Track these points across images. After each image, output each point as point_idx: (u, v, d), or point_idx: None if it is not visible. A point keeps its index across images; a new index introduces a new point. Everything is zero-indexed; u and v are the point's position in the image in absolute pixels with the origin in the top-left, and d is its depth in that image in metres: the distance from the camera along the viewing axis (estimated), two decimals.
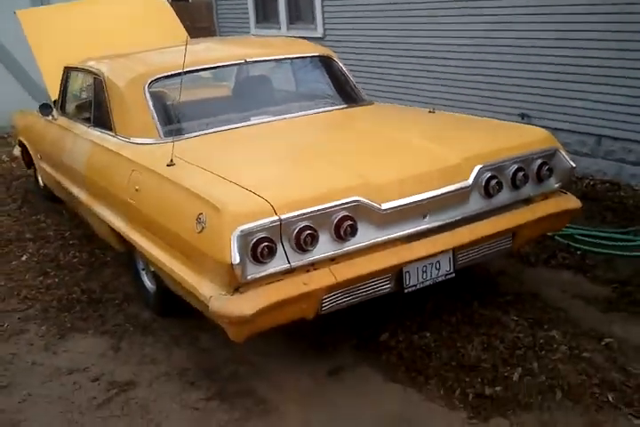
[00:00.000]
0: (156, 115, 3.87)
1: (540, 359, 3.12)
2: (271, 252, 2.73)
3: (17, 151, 6.83)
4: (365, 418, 2.87)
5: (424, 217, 3.13)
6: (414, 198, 3.05)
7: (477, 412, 2.82)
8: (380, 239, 3.02)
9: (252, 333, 2.88)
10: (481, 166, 3.23)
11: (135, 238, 3.59)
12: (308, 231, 2.79)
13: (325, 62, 4.55)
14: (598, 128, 5.51)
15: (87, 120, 4.63)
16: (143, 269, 4.03)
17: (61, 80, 5.23)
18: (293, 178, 3.10)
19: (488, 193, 3.28)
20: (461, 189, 3.18)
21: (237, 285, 2.75)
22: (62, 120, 5.13)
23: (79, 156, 4.51)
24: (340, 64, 4.54)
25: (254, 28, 9.70)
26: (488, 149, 3.36)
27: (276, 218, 2.73)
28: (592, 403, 2.81)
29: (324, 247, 2.88)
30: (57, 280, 4.49)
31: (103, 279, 4.47)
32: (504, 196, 3.36)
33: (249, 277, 2.72)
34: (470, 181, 3.19)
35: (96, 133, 4.36)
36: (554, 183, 3.54)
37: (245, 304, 2.71)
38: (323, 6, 8.23)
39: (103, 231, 4.34)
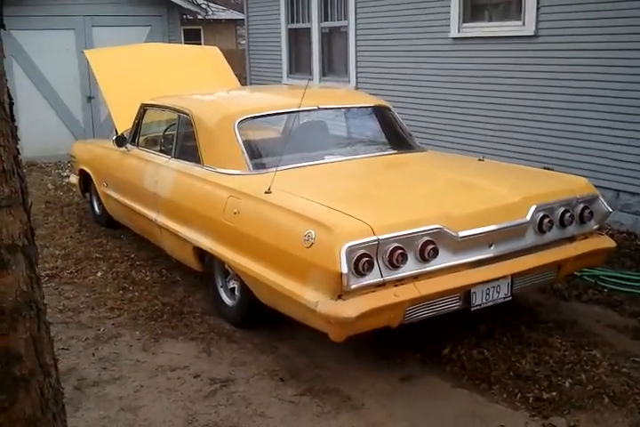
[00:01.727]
0: (244, 149, 4.47)
1: (586, 372, 3.64)
2: (370, 266, 3.29)
3: (74, 179, 7.38)
4: (442, 414, 3.37)
5: (490, 246, 3.71)
6: (485, 229, 3.64)
7: (538, 412, 3.33)
8: (455, 262, 3.59)
9: (351, 334, 3.41)
10: (536, 206, 3.84)
11: (228, 255, 4.13)
12: (400, 251, 3.36)
13: (383, 112, 5.22)
14: (617, 183, 6.16)
15: (167, 152, 5.23)
16: (222, 287, 4.55)
17: (137, 115, 5.84)
18: (385, 206, 3.70)
19: (541, 229, 3.87)
20: (521, 224, 3.78)
21: (341, 292, 3.30)
22: (137, 151, 5.72)
23: (162, 183, 5.07)
24: (396, 114, 5.21)
25: (287, 77, 10.43)
26: (541, 191, 3.98)
27: (374, 238, 3.32)
28: (635, 407, 3.33)
29: (411, 266, 3.45)
30: (137, 294, 4.99)
31: (178, 296, 4.97)
32: (553, 233, 3.96)
33: (352, 286, 3.28)
34: (528, 217, 3.79)
35: (180, 164, 4.95)
36: (593, 225, 4.16)
37: (350, 308, 3.26)
38: (357, 59, 8.96)
39: (182, 252, 4.87)
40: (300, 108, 4.89)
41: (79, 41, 10.89)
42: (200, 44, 26.79)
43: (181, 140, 5.11)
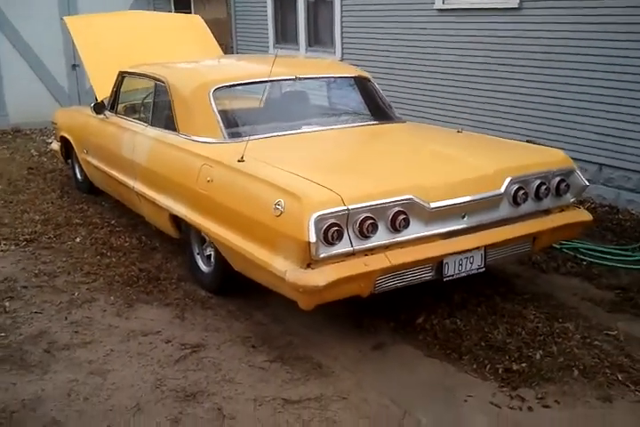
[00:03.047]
0: (220, 118, 4.42)
1: (557, 344, 3.65)
2: (339, 235, 3.28)
3: (55, 146, 7.31)
4: (411, 383, 3.38)
5: (463, 217, 3.70)
6: (457, 200, 3.63)
7: (507, 383, 3.34)
8: (426, 233, 3.58)
9: (319, 303, 3.40)
10: (511, 178, 3.82)
11: (202, 223, 4.11)
12: (370, 221, 3.35)
13: (364, 83, 5.16)
14: (600, 157, 6.14)
15: (144, 120, 5.17)
16: (198, 254, 4.54)
17: (115, 83, 5.75)
18: (357, 176, 3.66)
19: (516, 202, 3.85)
20: (495, 195, 3.76)
21: (310, 261, 3.29)
22: (116, 119, 5.65)
23: (139, 150, 5.02)
24: (376, 85, 5.14)
25: (273, 47, 10.28)
26: (517, 163, 3.96)
27: (344, 208, 3.30)
28: (604, 381, 3.34)
29: (381, 236, 3.44)
30: (114, 260, 4.97)
31: (155, 262, 4.96)
32: (528, 205, 3.94)
33: (321, 255, 3.27)
34: (502, 189, 3.77)
35: (156, 132, 4.89)
36: (570, 198, 4.14)
37: (319, 277, 3.25)
38: (342, 30, 8.83)
39: (159, 219, 4.85)
40: (278, 78, 4.85)
41: (62, 8, 10.70)
42: (190, 12, 26.43)
43: (158, 108, 5.03)
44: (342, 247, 3.33)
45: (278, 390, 3.33)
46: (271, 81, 4.83)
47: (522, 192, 3.84)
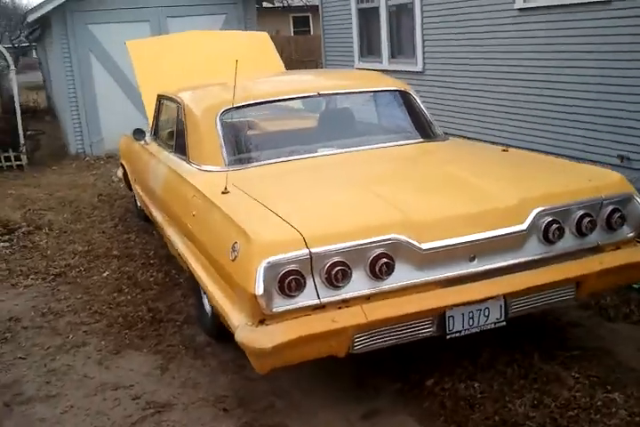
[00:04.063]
0: (223, 143, 3.96)
1: (592, 423, 2.83)
2: (299, 285, 2.69)
3: (120, 173, 7.24)
4: None
5: (472, 260, 2.97)
6: (459, 240, 2.91)
7: None
8: (420, 280, 2.89)
9: (277, 365, 2.83)
10: (540, 210, 3.04)
11: (190, 262, 3.67)
12: (340, 267, 2.73)
13: (401, 97, 4.49)
14: None
15: (170, 146, 4.83)
16: (204, 293, 4.09)
17: (155, 107, 5.50)
18: (334, 210, 3.05)
19: (548, 239, 3.07)
20: (515, 232, 3.00)
21: (262, 316, 2.73)
22: (152, 145, 5.38)
23: (159, 180, 4.70)
24: (417, 99, 4.46)
25: (358, 61, 9.80)
26: (551, 191, 3.16)
27: (306, 251, 2.70)
28: None
29: (359, 285, 2.81)
30: (129, 298, 4.66)
31: (172, 300, 4.58)
32: (567, 243, 3.14)
33: (274, 310, 2.70)
34: (526, 224, 3.00)
35: (174, 159, 4.53)
36: (627, 232, 3.27)
37: (265, 337, 2.68)
38: (424, 41, 8.18)
39: (174, 252, 4.47)
40: (298, 95, 4.34)
41: (154, 32, 10.78)
42: (309, 31, 26.54)
43: (178, 133, 4.68)
44: (307, 300, 2.74)
45: None
46: (287, 99, 4.33)
47: (555, 227, 3.05)
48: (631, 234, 3.28)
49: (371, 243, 2.78)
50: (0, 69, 14.67)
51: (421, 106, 4.44)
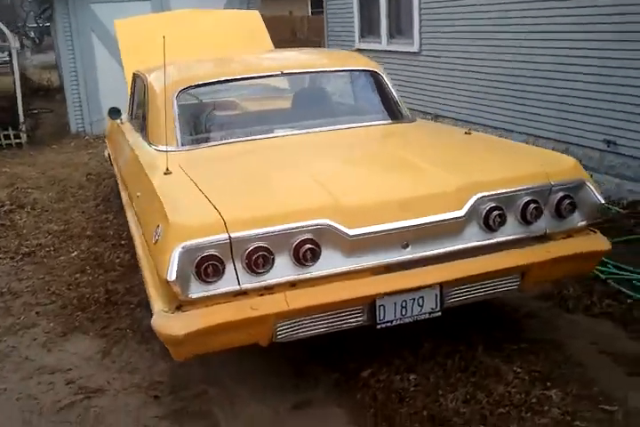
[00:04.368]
0: (178, 123, 3.84)
1: (521, 421, 2.71)
2: (218, 271, 2.58)
3: (106, 152, 7.18)
4: None
5: (405, 247, 2.83)
6: (389, 226, 2.77)
7: None
8: (348, 268, 2.77)
9: (195, 353, 2.75)
10: (480, 196, 2.89)
11: (135, 245, 3.60)
12: (262, 253, 2.62)
13: (370, 77, 4.31)
14: None
15: (138, 126, 4.72)
16: None
17: (131, 85, 5.40)
18: (265, 194, 2.93)
19: (489, 226, 2.92)
20: (452, 219, 2.85)
21: (179, 303, 2.63)
22: (126, 125, 5.28)
23: (125, 160, 4.62)
24: (386, 79, 4.27)
25: (359, 41, 9.58)
26: (495, 176, 3.00)
27: (224, 236, 2.58)
28: None
29: (283, 271, 2.69)
30: (90, 279, 4.60)
31: (132, 282, 4.51)
32: (511, 230, 2.99)
33: (191, 296, 2.59)
34: (464, 211, 2.86)
35: (138, 140, 4.42)
36: (578, 220, 3.10)
37: (178, 325, 2.59)
38: (420, 22, 7.94)
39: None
40: (260, 75, 4.20)
41: (155, 11, 10.68)
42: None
43: (144, 113, 4.56)
44: (226, 286, 2.63)
45: None
46: (247, 78, 4.19)
47: (496, 213, 2.90)
48: (583, 222, 3.11)
49: (294, 228, 2.65)
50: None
51: (390, 87, 4.27)
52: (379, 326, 2.88)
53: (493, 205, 2.91)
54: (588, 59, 5.47)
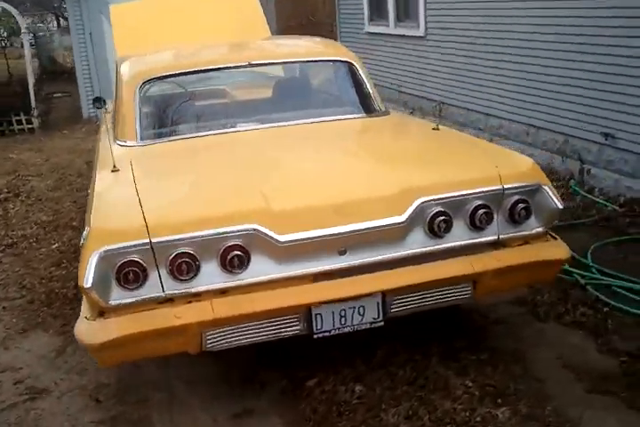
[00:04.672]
0: (139, 117, 3.73)
1: None
2: (138, 277, 2.50)
3: None
4: None
5: (342, 254, 2.69)
6: (323, 232, 2.63)
7: None
8: (281, 275, 2.65)
9: (120, 360, 2.70)
10: (424, 200, 2.73)
11: None
12: (186, 259, 2.52)
13: (344, 68, 4.12)
14: None
15: (112, 118, 4.64)
16: None
17: (115, 73, 5.31)
18: (196, 195, 2.82)
19: (434, 232, 2.76)
20: (392, 225, 2.70)
21: (100, 309, 2.55)
22: (108, 116, 5.21)
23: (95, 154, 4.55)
24: (361, 70, 4.07)
25: (368, 24, 9.35)
26: (443, 180, 2.83)
27: (145, 241, 2.49)
28: None
29: (211, 278, 2.59)
30: (64, 272, 4.57)
31: None
32: (460, 236, 2.82)
33: (112, 303, 2.51)
34: (405, 216, 2.70)
35: (109, 133, 4.33)
36: (535, 226, 2.92)
37: (96, 333, 2.52)
38: (426, 5, 7.67)
39: None
40: (226, 65, 4.06)
41: None
42: None
43: (115, 102, 4.47)
44: (150, 293, 2.54)
45: None
46: (214, 70, 4.05)
47: (441, 219, 2.74)
48: (540, 229, 2.92)
49: (221, 233, 2.54)
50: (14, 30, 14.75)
51: (365, 78, 4.08)
52: (315, 336, 2.76)
53: (439, 209, 2.75)
54: (586, 46, 5.20)
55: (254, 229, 2.56)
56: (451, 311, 3.49)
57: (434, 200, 2.74)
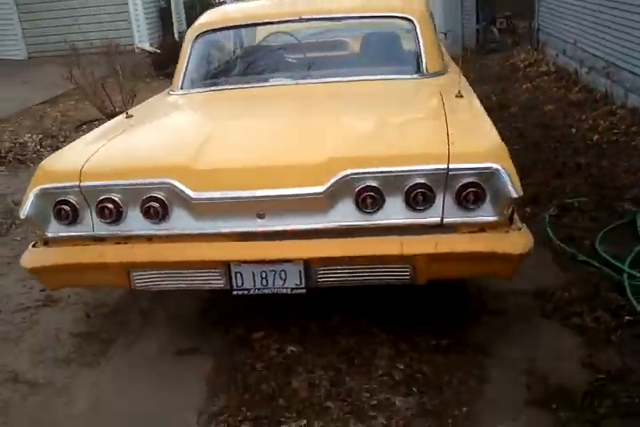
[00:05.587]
0: (186, 66, 3.98)
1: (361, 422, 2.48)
2: (68, 215, 2.75)
3: None
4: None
5: (260, 217, 2.65)
6: (237, 194, 2.62)
7: None
8: (199, 231, 2.72)
9: (62, 285, 3.03)
10: (348, 173, 2.54)
11: None
12: (110, 204, 2.71)
13: (402, 25, 3.86)
14: None
15: None
16: None
17: None
18: (144, 147, 3.03)
19: (361, 207, 2.58)
20: (310, 194, 2.57)
21: (45, 240, 2.86)
22: None
23: None
24: (418, 27, 3.73)
25: None
26: (379, 153, 2.61)
27: (75, 184, 2.72)
28: None
29: (136, 224, 2.76)
30: None
31: None
32: (396, 215, 2.59)
33: (49, 235, 2.82)
34: (324, 187, 2.55)
35: None
36: (488, 214, 2.55)
37: (31, 259, 2.86)
38: None
39: None
40: (279, 20, 4.05)
41: None
42: None
43: None
44: (82, 231, 2.80)
45: None
46: (263, 24, 4.09)
47: (368, 194, 2.54)
48: (493, 218, 2.54)
49: (141, 184, 2.69)
50: None
51: (421, 37, 3.72)
52: (234, 293, 2.79)
53: (368, 184, 2.54)
54: None
55: (170, 184, 2.64)
56: (454, 291, 3.32)
57: (363, 173, 2.54)
